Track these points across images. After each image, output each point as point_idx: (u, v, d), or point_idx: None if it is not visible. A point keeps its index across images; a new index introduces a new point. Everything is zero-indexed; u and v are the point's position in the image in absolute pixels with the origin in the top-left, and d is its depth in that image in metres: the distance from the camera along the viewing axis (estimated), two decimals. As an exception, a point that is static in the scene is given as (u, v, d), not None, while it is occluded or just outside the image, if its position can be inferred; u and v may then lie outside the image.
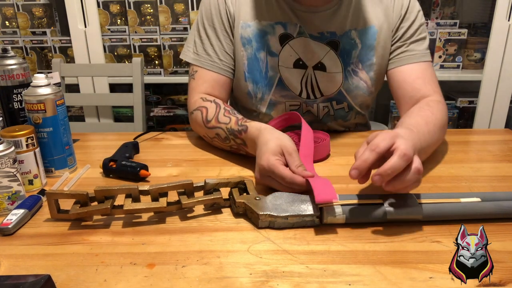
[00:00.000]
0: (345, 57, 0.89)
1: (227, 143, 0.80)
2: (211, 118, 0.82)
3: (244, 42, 0.88)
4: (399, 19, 0.89)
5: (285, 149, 0.65)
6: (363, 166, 0.55)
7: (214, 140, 0.84)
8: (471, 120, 1.86)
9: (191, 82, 0.92)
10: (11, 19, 1.84)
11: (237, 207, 0.59)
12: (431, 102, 0.81)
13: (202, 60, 0.90)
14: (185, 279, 0.46)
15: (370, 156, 0.54)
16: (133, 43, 1.79)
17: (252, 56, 0.89)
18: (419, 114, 0.76)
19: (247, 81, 0.91)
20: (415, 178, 0.55)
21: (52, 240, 0.55)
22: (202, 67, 0.90)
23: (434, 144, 0.76)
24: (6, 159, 0.60)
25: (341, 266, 0.48)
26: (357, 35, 0.88)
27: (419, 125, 0.71)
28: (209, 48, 0.89)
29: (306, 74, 0.89)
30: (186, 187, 0.60)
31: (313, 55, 0.88)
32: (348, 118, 0.99)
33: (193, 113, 0.88)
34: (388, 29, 0.89)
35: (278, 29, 0.87)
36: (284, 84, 0.90)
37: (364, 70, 0.91)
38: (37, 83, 0.70)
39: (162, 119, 2.01)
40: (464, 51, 1.84)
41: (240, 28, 0.88)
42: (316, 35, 0.87)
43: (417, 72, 0.87)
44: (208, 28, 0.89)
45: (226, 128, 0.78)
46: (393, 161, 0.53)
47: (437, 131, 0.75)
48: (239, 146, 0.78)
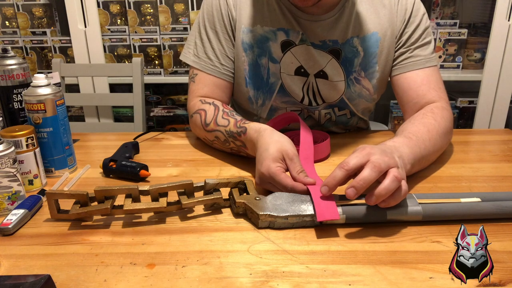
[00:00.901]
0: (347, 65, 0.88)
1: (227, 145, 0.80)
2: (209, 121, 0.82)
3: (246, 47, 0.87)
4: (403, 24, 0.87)
5: (286, 154, 0.64)
6: (331, 182, 0.56)
7: (214, 143, 0.84)
8: (471, 120, 1.86)
9: (191, 85, 0.91)
10: (11, 19, 1.84)
11: (237, 207, 0.59)
12: (435, 108, 0.80)
13: (202, 64, 0.89)
14: (185, 279, 0.46)
15: (339, 173, 0.55)
16: (133, 43, 1.79)
17: (254, 62, 0.88)
18: (422, 121, 0.76)
19: (248, 86, 0.90)
20: (394, 186, 0.53)
21: (52, 240, 0.55)
22: (203, 71, 0.89)
23: (437, 151, 0.76)
24: (6, 159, 0.60)
25: (341, 266, 0.48)
26: (359, 42, 0.86)
27: (420, 132, 0.71)
28: (210, 51, 0.88)
29: (307, 81, 0.89)
30: (186, 187, 0.60)
31: (315, 63, 0.87)
32: (350, 124, 0.99)
33: (192, 116, 0.87)
34: (392, 35, 0.87)
35: (280, 36, 0.86)
36: (286, 90, 0.90)
37: (366, 78, 0.89)
38: (37, 83, 0.70)
39: (162, 119, 2.01)
40: (464, 51, 1.84)
41: (242, 33, 0.87)
42: (318, 43, 0.86)
43: (421, 78, 0.85)
44: (209, 30, 0.88)
45: (225, 130, 0.78)
46: (364, 172, 0.54)
47: (439, 139, 0.74)
48: (239, 148, 0.78)
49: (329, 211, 0.55)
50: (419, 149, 0.68)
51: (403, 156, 0.63)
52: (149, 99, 2.02)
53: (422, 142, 0.69)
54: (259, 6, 0.86)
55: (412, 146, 0.67)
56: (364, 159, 0.55)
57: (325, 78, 0.88)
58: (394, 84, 0.90)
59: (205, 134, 0.84)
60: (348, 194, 0.54)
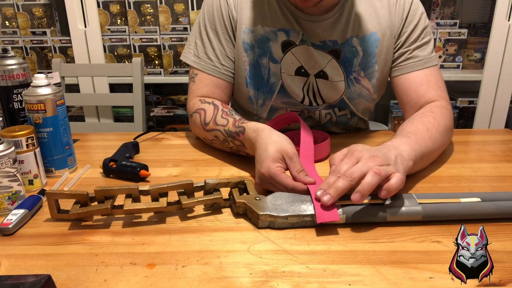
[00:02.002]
0: (347, 65, 0.88)
1: (226, 145, 0.80)
2: (209, 120, 0.82)
3: (246, 47, 0.87)
4: (401, 23, 0.87)
5: (285, 153, 0.64)
6: (336, 193, 0.56)
7: (213, 142, 0.84)
8: (471, 120, 1.86)
9: (191, 85, 0.91)
10: (11, 19, 1.84)
11: (237, 207, 0.59)
12: (434, 107, 0.80)
13: (203, 64, 0.89)
14: (185, 279, 0.46)
15: (346, 184, 0.56)
16: (133, 43, 1.79)
17: (254, 62, 0.88)
18: (420, 120, 0.76)
19: (249, 86, 0.90)
20: (374, 180, 0.55)
21: (52, 240, 0.55)
22: (203, 71, 0.89)
23: (438, 149, 0.76)
24: (6, 159, 0.60)
25: (341, 266, 0.48)
26: (359, 42, 0.87)
27: (419, 131, 0.71)
28: (210, 51, 0.88)
29: (308, 81, 0.89)
30: (186, 187, 0.60)
31: (315, 63, 0.87)
32: (350, 124, 0.99)
33: (192, 116, 0.87)
34: (390, 35, 0.87)
35: (281, 36, 0.86)
36: (286, 91, 0.90)
37: (366, 78, 0.90)
38: (37, 83, 0.70)
39: (162, 119, 2.01)
40: (464, 51, 1.84)
41: (242, 33, 0.87)
42: (318, 43, 0.86)
43: (421, 79, 0.86)
44: (210, 31, 0.88)
45: (224, 130, 0.78)
46: (368, 179, 0.55)
47: (439, 136, 0.74)
48: (238, 147, 0.78)
49: (328, 213, 0.55)
50: (419, 147, 0.68)
51: (403, 154, 0.63)
52: (149, 99, 2.02)
53: (422, 140, 0.69)
54: (260, 6, 0.86)
55: (412, 144, 0.67)
56: (354, 162, 0.58)
57: (325, 78, 0.88)
58: (394, 84, 0.91)
59: (204, 133, 0.84)
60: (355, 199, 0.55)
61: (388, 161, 0.59)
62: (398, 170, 0.58)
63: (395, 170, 0.58)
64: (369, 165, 0.57)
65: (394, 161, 0.60)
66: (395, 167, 0.58)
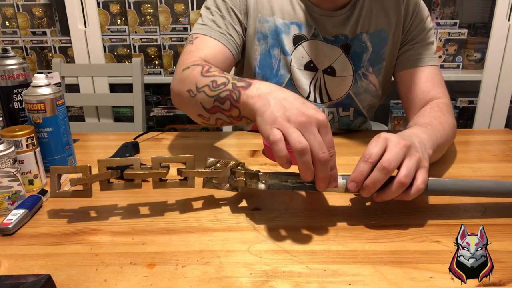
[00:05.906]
0: (356, 60, 0.89)
1: (215, 91, 0.61)
2: (213, 70, 0.66)
3: (260, 37, 0.87)
4: (409, 22, 0.89)
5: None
6: (359, 178, 0.54)
7: (200, 94, 0.64)
8: (471, 120, 1.86)
9: (188, 47, 0.78)
10: (11, 19, 1.84)
11: (237, 178, 0.59)
12: (440, 104, 0.81)
13: (209, 30, 0.80)
14: (185, 279, 0.46)
15: (365, 167, 0.54)
16: (133, 43, 1.80)
17: (266, 52, 0.88)
18: (431, 114, 0.76)
19: (257, 76, 0.89)
20: (381, 176, 0.53)
21: (52, 240, 0.55)
22: (207, 35, 0.79)
23: (448, 143, 0.76)
24: (6, 159, 0.60)
25: (341, 266, 0.48)
26: (368, 38, 0.88)
27: (433, 123, 0.71)
28: (220, 20, 0.82)
29: (315, 77, 0.89)
30: (187, 159, 0.60)
31: (324, 58, 0.88)
32: (352, 126, 0.99)
33: (189, 67, 0.69)
34: (398, 33, 0.89)
35: (293, 29, 0.86)
36: (294, 84, 0.90)
37: (374, 74, 0.91)
38: (37, 83, 0.70)
39: (162, 119, 2.01)
40: (464, 51, 1.84)
41: (258, 21, 0.86)
42: (330, 38, 0.87)
43: (426, 75, 0.87)
44: (221, 5, 0.83)
45: (226, 78, 0.62)
46: (373, 175, 0.53)
47: (450, 130, 0.75)
48: (232, 101, 0.60)
49: None
50: (436, 137, 0.67)
51: (424, 141, 0.62)
52: (149, 99, 2.02)
53: (437, 131, 0.69)
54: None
55: (430, 133, 0.67)
56: (383, 146, 0.55)
57: (332, 75, 0.89)
58: (398, 80, 0.91)
59: (198, 79, 0.65)
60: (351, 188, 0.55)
61: (415, 148, 0.57)
62: (424, 158, 0.56)
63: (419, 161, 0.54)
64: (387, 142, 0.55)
65: (420, 148, 0.58)
66: (421, 155, 0.56)
